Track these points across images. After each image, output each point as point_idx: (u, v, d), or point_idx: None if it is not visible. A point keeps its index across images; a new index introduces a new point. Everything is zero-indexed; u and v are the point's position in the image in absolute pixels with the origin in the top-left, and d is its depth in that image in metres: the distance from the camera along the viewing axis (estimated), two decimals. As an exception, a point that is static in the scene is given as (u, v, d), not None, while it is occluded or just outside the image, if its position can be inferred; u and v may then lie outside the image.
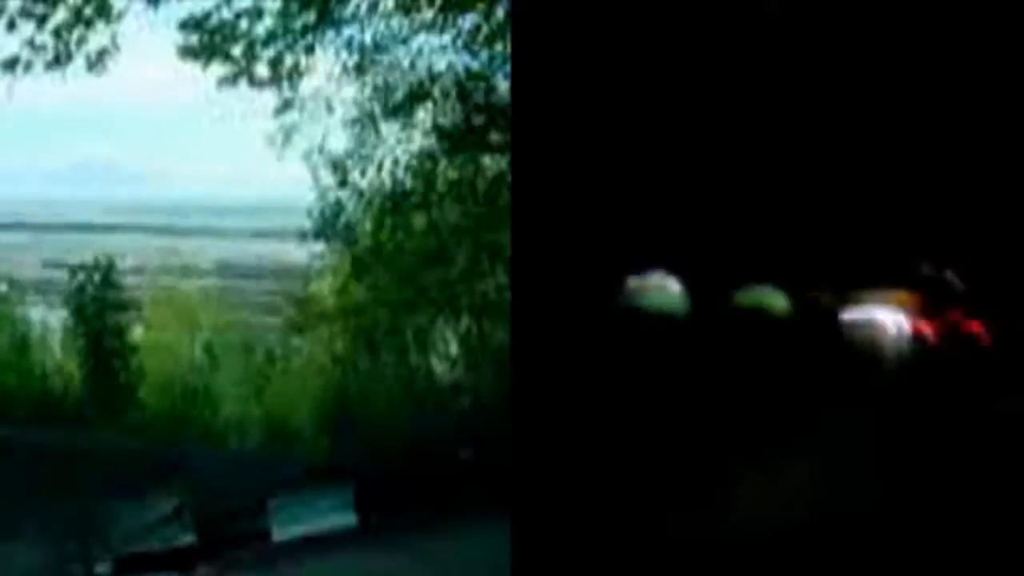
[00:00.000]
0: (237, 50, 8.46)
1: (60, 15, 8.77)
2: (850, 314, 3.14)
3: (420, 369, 8.35)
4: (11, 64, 8.56)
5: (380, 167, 8.49)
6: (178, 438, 8.65)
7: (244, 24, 8.43)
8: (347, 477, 7.43)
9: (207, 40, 8.49)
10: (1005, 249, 3.06)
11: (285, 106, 8.67)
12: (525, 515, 3.00)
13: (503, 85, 8.12)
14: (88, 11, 8.80)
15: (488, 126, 8.11)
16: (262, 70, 8.50)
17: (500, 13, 8.04)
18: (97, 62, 8.88)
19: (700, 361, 3.00)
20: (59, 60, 8.82)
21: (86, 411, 9.09)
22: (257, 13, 8.39)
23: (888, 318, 3.24)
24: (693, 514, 2.83)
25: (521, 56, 3.27)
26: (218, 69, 8.57)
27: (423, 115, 8.37)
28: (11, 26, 8.61)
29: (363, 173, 8.54)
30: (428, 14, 8.18)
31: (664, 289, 3.23)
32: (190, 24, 8.55)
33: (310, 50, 8.43)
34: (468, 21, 8.18)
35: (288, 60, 8.48)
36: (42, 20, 8.78)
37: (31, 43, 8.74)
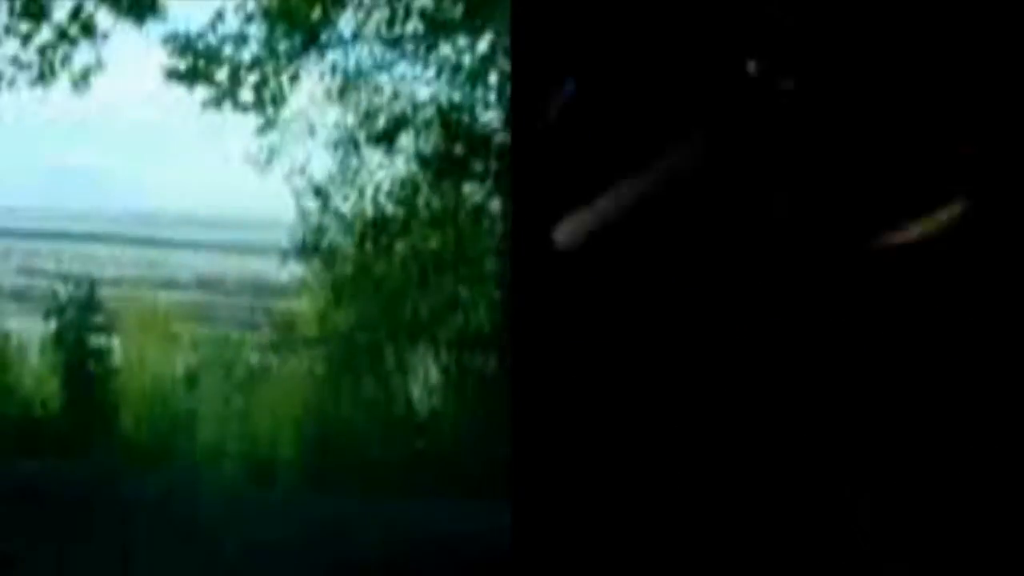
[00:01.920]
0: (222, 74, 8.57)
1: (45, 34, 8.85)
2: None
3: (400, 398, 8.44)
4: (-5, 79, 8.66)
5: (362, 192, 8.58)
6: (157, 463, 8.69)
7: (229, 49, 8.53)
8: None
9: (192, 64, 8.58)
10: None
11: (267, 126, 8.77)
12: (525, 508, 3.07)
13: (485, 115, 8.25)
14: (73, 31, 8.88)
15: (469, 155, 8.21)
16: (246, 93, 8.61)
17: (483, 45, 8.17)
18: (81, 81, 8.97)
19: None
20: (43, 78, 8.90)
21: (66, 436, 9.11)
22: (242, 38, 8.50)
23: None
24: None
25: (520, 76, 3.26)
26: (202, 91, 8.68)
27: (405, 142, 8.46)
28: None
29: (345, 197, 8.63)
30: (411, 44, 8.30)
31: None
32: (176, 47, 8.64)
33: (294, 75, 8.54)
34: (451, 52, 8.30)
35: (272, 84, 8.59)
36: (26, 39, 8.86)
37: (15, 60, 8.82)
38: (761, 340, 2.90)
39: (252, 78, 8.57)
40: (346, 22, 8.41)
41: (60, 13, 8.83)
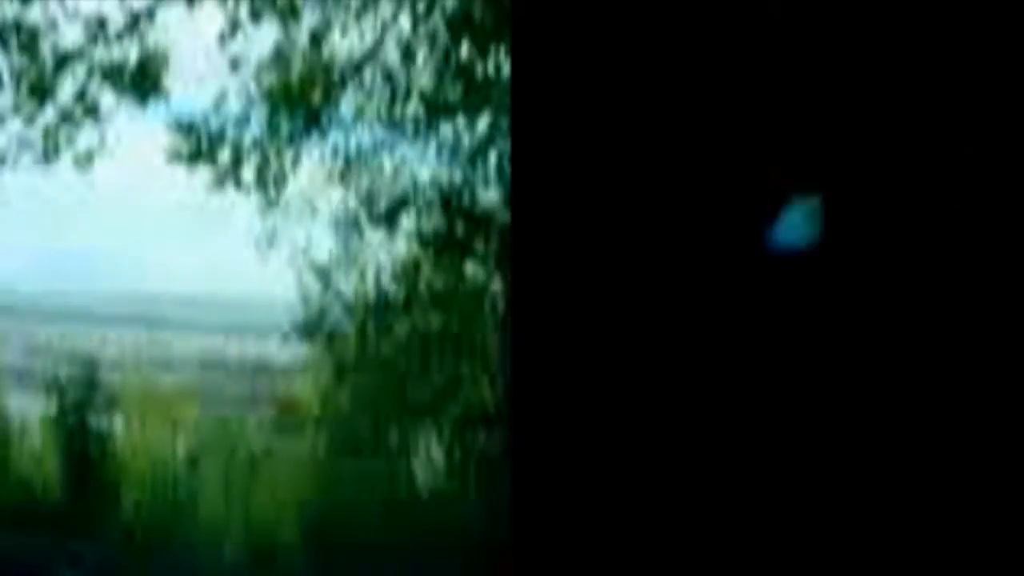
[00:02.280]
0: (224, 156, 8.65)
1: (48, 114, 8.94)
2: None
3: (403, 478, 8.43)
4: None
5: (363, 273, 8.63)
6: (158, 547, 8.65)
7: (231, 131, 8.62)
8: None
9: (194, 145, 8.66)
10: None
11: (269, 208, 8.83)
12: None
13: (485, 195, 8.31)
14: (77, 112, 8.97)
15: (471, 235, 8.26)
16: (248, 175, 8.69)
17: (482, 126, 8.25)
18: (84, 162, 9.05)
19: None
20: (47, 158, 8.98)
21: (67, 517, 9.09)
22: (244, 120, 8.60)
23: None
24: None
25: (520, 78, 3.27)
26: (204, 173, 8.76)
27: (407, 223, 8.53)
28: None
29: (346, 278, 8.68)
30: (411, 126, 8.38)
31: None
32: (178, 129, 8.73)
33: (296, 156, 8.62)
34: (450, 133, 8.38)
35: (274, 165, 8.66)
36: (30, 119, 8.95)
37: (19, 140, 8.91)
38: (760, 346, 2.90)
39: (254, 160, 8.65)
40: (347, 104, 8.52)
41: (64, 94, 8.93)
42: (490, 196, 8.37)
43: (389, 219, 8.46)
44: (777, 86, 2.96)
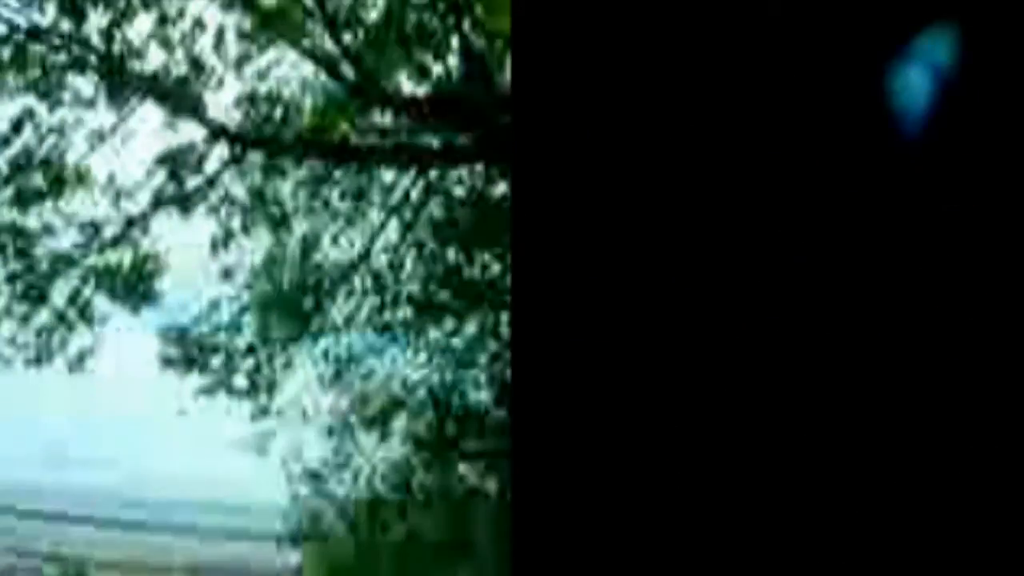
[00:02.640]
0: (216, 361, 8.73)
1: (43, 317, 9.03)
2: None
3: None
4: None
5: (356, 476, 8.68)
6: None
7: (223, 337, 8.72)
8: None
9: (187, 351, 8.75)
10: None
11: (262, 413, 8.89)
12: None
13: (475, 396, 8.41)
14: (71, 315, 9.06)
15: (461, 435, 8.34)
16: (240, 381, 8.75)
17: (471, 328, 8.39)
18: (76, 364, 9.12)
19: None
20: (39, 360, 9.06)
21: None
22: (236, 328, 8.70)
23: None
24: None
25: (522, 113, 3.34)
26: (197, 378, 8.84)
27: (399, 424, 8.60)
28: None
29: (339, 481, 8.73)
30: (401, 330, 8.52)
31: None
32: (171, 335, 8.83)
33: (288, 362, 8.71)
34: (440, 336, 8.51)
35: (265, 371, 8.74)
36: (24, 319, 9.05)
37: (12, 342, 8.98)
38: (760, 344, 2.91)
39: (246, 365, 8.73)
40: (338, 310, 8.63)
41: (59, 298, 9.02)
42: (481, 396, 8.47)
43: (381, 422, 8.55)
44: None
